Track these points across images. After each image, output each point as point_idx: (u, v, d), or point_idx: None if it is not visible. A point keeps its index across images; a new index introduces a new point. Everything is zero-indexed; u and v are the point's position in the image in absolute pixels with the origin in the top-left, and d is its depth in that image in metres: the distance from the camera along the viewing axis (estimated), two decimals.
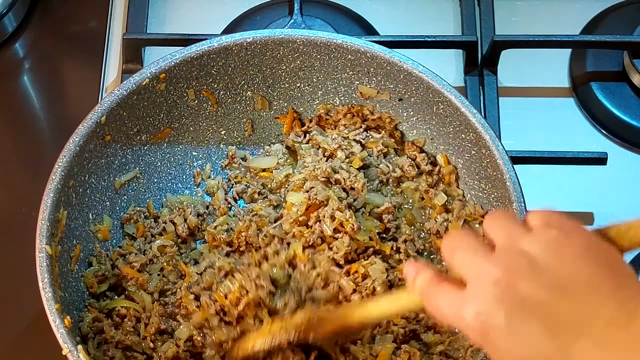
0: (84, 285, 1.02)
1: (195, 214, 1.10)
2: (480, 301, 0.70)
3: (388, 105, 1.12)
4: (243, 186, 1.13)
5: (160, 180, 1.13)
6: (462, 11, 1.31)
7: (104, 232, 1.06)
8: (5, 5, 1.29)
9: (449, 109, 1.06)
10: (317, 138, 1.12)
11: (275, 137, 1.17)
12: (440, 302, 0.75)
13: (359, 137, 1.12)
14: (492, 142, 1.01)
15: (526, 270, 0.70)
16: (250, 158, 1.15)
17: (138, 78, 1.06)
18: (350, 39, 1.08)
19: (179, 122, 1.13)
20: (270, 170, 1.14)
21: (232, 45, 1.09)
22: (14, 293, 1.13)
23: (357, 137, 1.12)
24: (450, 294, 0.74)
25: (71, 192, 1.01)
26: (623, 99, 1.26)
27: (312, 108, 1.16)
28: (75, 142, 1.01)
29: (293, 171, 1.12)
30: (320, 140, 1.12)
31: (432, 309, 0.77)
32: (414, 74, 1.06)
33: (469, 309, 0.71)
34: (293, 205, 1.06)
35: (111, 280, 1.04)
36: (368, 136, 1.13)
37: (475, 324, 0.70)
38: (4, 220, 1.19)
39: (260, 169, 1.14)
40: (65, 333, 0.91)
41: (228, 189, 1.14)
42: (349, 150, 1.11)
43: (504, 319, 0.69)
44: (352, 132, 1.13)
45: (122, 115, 1.06)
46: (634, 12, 1.33)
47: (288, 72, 1.12)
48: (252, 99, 1.15)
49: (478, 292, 0.71)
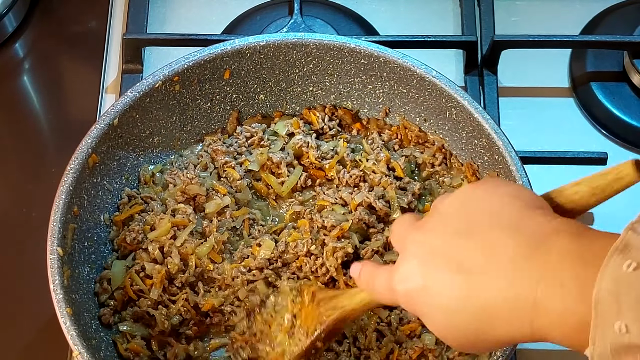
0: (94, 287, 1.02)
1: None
2: (403, 266, 0.73)
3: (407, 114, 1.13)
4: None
5: None
6: (462, 11, 1.31)
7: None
8: (5, 5, 1.29)
9: (461, 114, 1.06)
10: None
11: None
12: (377, 285, 0.78)
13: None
14: (505, 148, 1.01)
15: (438, 225, 0.73)
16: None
17: (151, 80, 1.06)
18: (363, 43, 1.09)
19: (191, 124, 1.13)
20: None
21: (245, 49, 1.09)
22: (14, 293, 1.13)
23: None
24: (384, 274, 0.77)
25: (83, 194, 1.01)
26: (623, 99, 1.26)
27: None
28: (88, 144, 1.01)
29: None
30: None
31: (374, 296, 0.80)
32: (427, 78, 1.06)
33: (395, 278, 0.74)
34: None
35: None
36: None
37: (402, 289, 0.73)
38: (4, 220, 1.19)
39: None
40: (76, 335, 0.91)
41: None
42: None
43: (420, 275, 0.71)
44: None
45: (135, 118, 1.06)
46: (634, 12, 1.33)
47: (301, 75, 1.12)
48: (264, 102, 1.15)
49: (402, 259, 0.74)
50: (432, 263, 0.71)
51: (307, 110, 1.15)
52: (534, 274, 0.65)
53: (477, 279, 0.68)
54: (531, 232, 0.68)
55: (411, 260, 0.73)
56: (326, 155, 1.11)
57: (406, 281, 0.73)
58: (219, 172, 1.10)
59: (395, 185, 1.08)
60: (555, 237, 0.67)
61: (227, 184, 1.09)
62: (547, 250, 0.66)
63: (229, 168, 1.09)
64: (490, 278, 0.67)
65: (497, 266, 0.67)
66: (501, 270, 0.67)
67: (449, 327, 0.71)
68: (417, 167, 1.12)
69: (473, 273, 0.68)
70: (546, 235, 0.67)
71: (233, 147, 1.11)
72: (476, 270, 0.68)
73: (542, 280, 0.65)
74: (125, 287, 1.01)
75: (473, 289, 0.68)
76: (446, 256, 0.70)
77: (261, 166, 1.10)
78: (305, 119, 1.15)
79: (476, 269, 0.68)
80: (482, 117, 1.03)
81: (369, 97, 1.14)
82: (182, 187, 1.07)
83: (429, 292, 0.71)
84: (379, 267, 0.80)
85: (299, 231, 1.06)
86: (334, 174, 1.10)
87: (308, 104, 1.15)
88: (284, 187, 1.09)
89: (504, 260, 0.67)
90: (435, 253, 0.71)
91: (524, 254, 0.67)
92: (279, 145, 1.11)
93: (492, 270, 0.68)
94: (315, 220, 1.06)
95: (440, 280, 0.70)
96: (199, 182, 1.07)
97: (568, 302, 0.63)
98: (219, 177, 1.10)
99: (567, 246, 0.66)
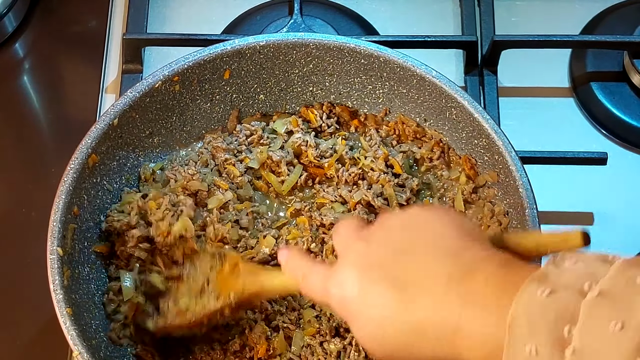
0: (94, 287, 1.02)
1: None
2: (342, 273, 0.76)
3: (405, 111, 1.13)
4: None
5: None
6: (462, 11, 1.31)
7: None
8: (5, 5, 1.29)
9: (461, 115, 1.06)
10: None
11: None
12: (311, 282, 0.81)
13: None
14: (505, 148, 1.01)
15: (381, 240, 0.76)
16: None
17: (151, 80, 1.06)
18: (363, 43, 1.09)
19: (191, 125, 1.13)
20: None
21: (245, 49, 1.09)
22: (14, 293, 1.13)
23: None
24: (320, 273, 0.80)
25: (83, 194, 1.01)
26: (623, 99, 1.26)
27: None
28: (88, 144, 1.01)
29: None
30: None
31: (305, 290, 0.83)
32: (427, 78, 1.06)
33: (332, 281, 0.77)
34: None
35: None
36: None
37: (336, 294, 0.76)
38: (4, 220, 1.19)
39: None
40: (76, 335, 0.91)
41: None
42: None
43: (357, 284, 0.74)
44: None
45: (135, 118, 1.06)
46: (634, 12, 1.33)
47: (301, 75, 1.12)
48: (264, 102, 1.15)
49: (342, 266, 0.77)
50: (371, 275, 0.74)
51: (305, 108, 1.15)
52: (461, 298, 0.68)
53: (410, 296, 0.71)
54: (465, 259, 0.71)
55: (351, 268, 0.76)
56: (325, 153, 1.11)
57: (343, 287, 0.75)
58: (219, 169, 1.10)
59: (393, 182, 1.08)
60: (484, 265, 0.70)
61: (228, 180, 1.09)
62: (474, 277, 0.69)
63: (229, 165, 1.09)
64: (422, 297, 0.70)
65: (430, 287, 0.70)
66: (432, 291, 0.70)
67: (377, 339, 0.73)
68: (415, 163, 1.12)
69: (407, 290, 0.71)
70: (476, 262, 0.71)
71: (233, 145, 1.11)
72: (410, 288, 0.71)
73: (466, 305, 0.68)
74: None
75: (405, 305, 0.71)
76: (385, 270, 0.73)
77: (261, 164, 1.10)
78: (303, 117, 1.15)
79: (411, 287, 0.71)
80: (482, 117, 1.03)
81: (369, 97, 1.13)
82: (183, 183, 1.06)
83: (364, 302, 0.73)
84: (313, 263, 0.83)
85: (298, 229, 1.06)
86: (333, 172, 1.10)
87: (308, 104, 1.15)
88: (284, 186, 1.09)
89: (437, 283, 0.70)
90: (374, 266, 0.74)
91: (456, 278, 0.70)
92: (279, 143, 1.12)
93: (424, 290, 0.70)
94: (314, 218, 1.06)
95: (376, 293, 0.73)
96: (200, 178, 1.07)
97: (487, 326, 0.66)
98: (220, 174, 1.10)
99: (493, 273, 0.69)
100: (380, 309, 0.72)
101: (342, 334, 1.00)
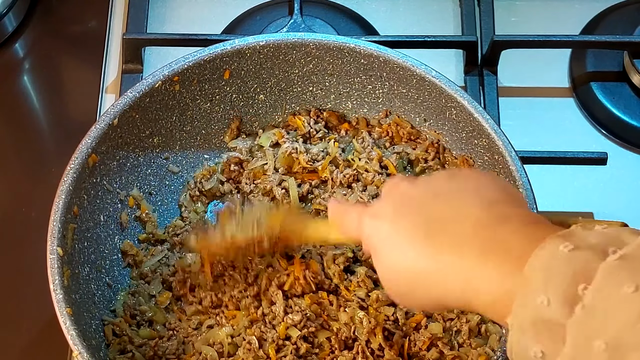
0: (94, 287, 1.02)
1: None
2: (378, 204, 0.81)
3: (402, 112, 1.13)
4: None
5: (172, 183, 1.13)
6: (462, 11, 1.31)
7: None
8: (5, 5, 1.29)
9: (461, 114, 1.06)
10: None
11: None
12: (347, 219, 0.85)
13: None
14: (505, 148, 1.01)
15: (423, 184, 0.80)
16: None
17: (151, 80, 1.06)
18: (363, 43, 1.09)
19: (191, 125, 1.13)
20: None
21: (245, 49, 1.09)
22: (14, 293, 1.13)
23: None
24: (360, 209, 0.84)
25: (83, 194, 1.01)
26: (623, 99, 1.26)
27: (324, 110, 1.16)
28: (88, 144, 1.01)
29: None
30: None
31: (341, 229, 0.86)
32: (426, 78, 1.06)
33: (368, 211, 0.81)
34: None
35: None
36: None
37: (369, 222, 0.80)
38: (4, 220, 1.19)
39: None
40: (76, 335, 0.90)
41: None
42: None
43: (390, 213, 0.78)
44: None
45: (135, 118, 1.06)
46: (634, 12, 1.33)
47: (300, 75, 1.12)
48: (264, 102, 1.15)
49: (380, 200, 0.82)
50: (405, 210, 0.77)
51: (292, 117, 1.15)
52: (483, 244, 0.70)
53: (435, 233, 0.73)
54: (498, 210, 0.73)
55: (389, 201, 0.80)
56: (317, 157, 1.11)
57: (376, 215, 0.79)
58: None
59: None
60: (516, 218, 0.72)
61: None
62: (503, 226, 0.71)
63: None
64: (444, 236, 0.72)
65: (455, 228, 0.73)
66: (456, 231, 0.72)
67: (398, 268, 0.76)
68: (410, 164, 1.12)
69: (433, 228, 0.74)
70: (509, 216, 0.72)
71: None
72: (437, 225, 0.74)
73: (485, 252, 0.69)
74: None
75: (428, 242, 0.73)
76: (420, 208, 0.77)
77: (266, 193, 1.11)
78: (290, 126, 1.15)
79: (438, 224, 0.74)
80: (482, 117, 1.03)
81: (369, 97, 1.14)
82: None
83: (393, 229, 0.76)
84: (353, 206, 0.89)
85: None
86: (327, 174, 1.10)
87: (308, 104, 1.15)
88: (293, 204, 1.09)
89: (465, 224, 0.72)
90: (413, 202, 0.78)
91: (483, 224, 0.72)
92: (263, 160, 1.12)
93: (449, 230, 0.73)
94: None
95: (405, 224, 0.76)
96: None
97: (502, 274, 0.67)
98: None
99: (522, 227, 0.70)
100: (408, 238, 0.74)
101: (350, 345, 1.00)
